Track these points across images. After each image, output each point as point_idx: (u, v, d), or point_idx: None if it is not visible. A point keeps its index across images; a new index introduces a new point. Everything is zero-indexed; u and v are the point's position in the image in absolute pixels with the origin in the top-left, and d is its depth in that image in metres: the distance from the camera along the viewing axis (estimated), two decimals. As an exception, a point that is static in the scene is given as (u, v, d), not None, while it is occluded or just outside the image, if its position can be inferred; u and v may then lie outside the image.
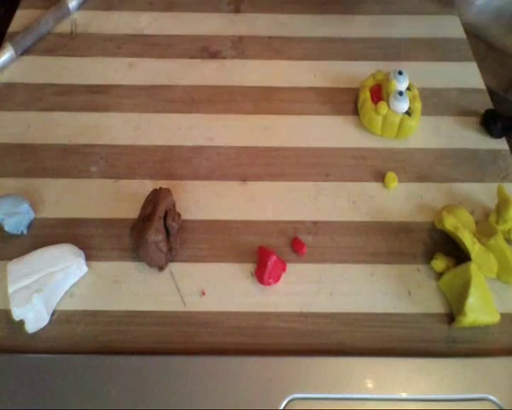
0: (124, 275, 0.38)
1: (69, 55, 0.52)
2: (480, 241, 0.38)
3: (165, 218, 0.38)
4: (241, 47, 0.53)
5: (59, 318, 0.37)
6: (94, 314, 0.37)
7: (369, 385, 0.34)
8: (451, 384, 0.34)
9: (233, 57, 0.52)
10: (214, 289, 0.38)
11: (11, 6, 0.57)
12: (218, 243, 0.40)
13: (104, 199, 0.42)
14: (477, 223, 0.39)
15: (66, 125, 0.47)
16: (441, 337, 0.36)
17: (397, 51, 0.53)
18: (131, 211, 0.40)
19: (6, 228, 0.39)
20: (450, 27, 0.56)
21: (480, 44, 0.66)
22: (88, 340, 0.36)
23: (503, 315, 0.36)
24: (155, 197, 0.38)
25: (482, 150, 0.46)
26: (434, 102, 0.49)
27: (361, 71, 0.50)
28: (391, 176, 0.43)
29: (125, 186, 0.43)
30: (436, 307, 0.38)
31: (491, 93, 0.50)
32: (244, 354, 0.35)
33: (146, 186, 0.41)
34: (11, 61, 0.51)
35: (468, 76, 0.51)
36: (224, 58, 0.52)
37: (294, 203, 0.42)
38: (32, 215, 0.41)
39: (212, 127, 0.47)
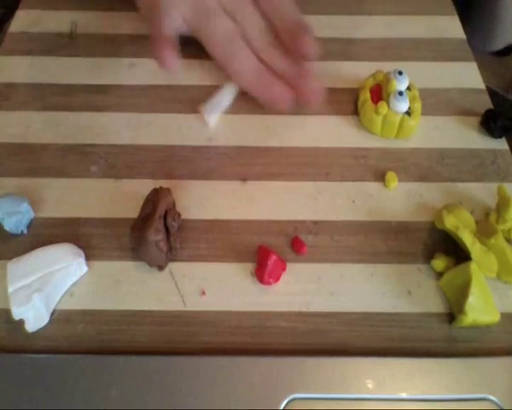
0: (124, 275, 0.38)
1: (69, 55, 0.52)
2: (480, 240, 0.38)
3: (165, 217, 0.38)
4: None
5: (59, 317, 0.37)
6: (94, 314, 0.37)
7: (369, 385, 0.34)
8: (451, 384, 0.34)
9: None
10: (214, 288, 0.38)
11: (11, 6, 0.57)
12: (218, 243, 0.40)
13: (104, 199, 0.42)
14: (477, 223, 0.39)
15: (66, 125, 0.47)
16: (441, 337, 0.36)
17: (397, 51, 0.53)
18: (131, 211, 0.40)
19: (6, 227, 0.39)
20: (450, 27, 0.56)
21: (480, 44, 0.66)
22: (88, 340, 0.36)
23: (504, 315, 0.36)
24: (155, 197, 0.38)
25: (482, 150, 0.46)
26: (434, 102, 0.49)
27: (361, 71, 0.50)
28: (391, 176, 0.43)
29: (125, 186, 0.43)
30: (436, 306, 0.38)
31: (491, 93, 0.50)
32: (244, 353, 0.35)
33: (146, 186, 0.41)
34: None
35: (468, 76, 0.51)
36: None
37: (294, 203, 0.42)
38: (31, 215, 0.41)
39: (212, 127, 0.47)
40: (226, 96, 0.48)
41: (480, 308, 0.35)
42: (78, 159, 0.45)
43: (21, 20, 0.55)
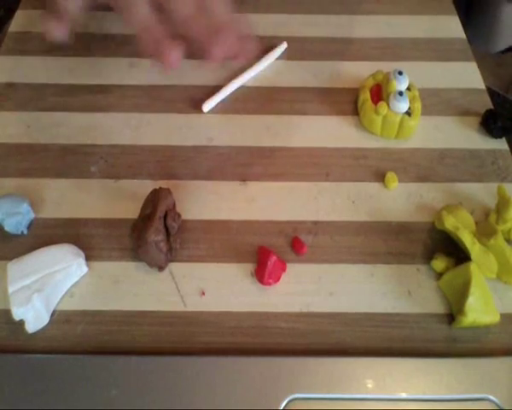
0: (124, 275, 0.38)
1: (69, 55, 0.52)
2: (479, 241, 0.38)
3: (165, 218, 0.38)
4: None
5: (59, 318, 0.37)
6: (94, 314, 0.37)
7: (369, 385, 0.34)
8: (451, 384, 0.34)
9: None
10: (214, 289, 0.38)
11: (11, 6, 0.57)
12: (217, 243, 0.40)
13: (104, 199, 0.42)
14: (477, 223, 0.39)
15: (66, 125, 0.47)
16: (441, 337, 0.36)
17: (397, 51, 0.53)
18: (131, 211, 0.40)
19: (6, 228, 0.39)
20: (451, 27, 0.56)
21: (480, 44, 0.66)
22: (88, 340, 0.36)
23: (503, 315, 0.36)
24: (155, 197, 0.38)
25: (482, 150, 0.46)
26: (434, 102, 0.49)
27: (361, 71, 0.50)
28: (391, 176, 0.43)
29: (125, 186, 0.43)
30: (436, 307, 0.38)
31: (491, 93, 0.50)
32: (244, 354, 0.35)
33: (146, 186, 0.41)
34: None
35: (468, 76, 0.51)
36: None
37: (294, 203, 0.42)
38: (32, 215, 0.41)
39: (212, 127, 0.47)
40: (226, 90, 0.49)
41: (480, 309, 0.35)
42: (78, 159, 0.45)
43: (21, 20, 0.55)
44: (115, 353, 0.35)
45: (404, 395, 0.34)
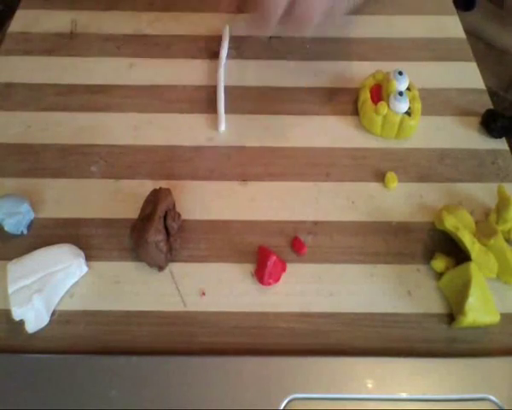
0: (124, 275, 0.38)
1: (69, 55, 0.52)
2: (479, 241, 0.38)
3: (165, 218, 0.38)
4: (241, 47, 0.53)
5: (59, 318, 0.37)
6: (94, 314, 0.37)
7: (369, 385, 0.34)
8: (451, 384, 0.34)
9: (233, 57, 0.52)
10: (214, 289, 0.38)
11: (11, 6, 0.57)
12: (218, 243, 0.40)
13: (104, 199, 0.42)
14: (477, 223, 0.39)
15: (66, 125, 0.47)
16: (441, 337, 0.36)
17: (397, 51, 0.53)
18: (131, 211, 0.40)
19: (6, 228, 0.39)
20: (450, 27, 0.56)
21: (480, 44, 0.66)
22: (88, 340, 0.36)
23: (503, 315, 0.36)
24: (155, 197, 0.38)
25: (482, 150, 0.46)
26: (434, 102, 0.49)
27: (361, 71, 0.50)
28: (391, 176, 0.43)
29: (125, 186, 0.43)
30: (436, 307, 0.38)
31: (491, 93, 0.50)
32: (244, 354, 0.35)
33: (146, 186, 0.41)
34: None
35: (468, 76, 0.51)
36: (224, 58, 0.52)
37: (294, 203, 0.42)
38: (31, 215, 0.41)
39: (212, 127, 0.47)
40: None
41: (480, 309, 0.35)
42: (78, 159, 0.45)
43: (21, 20, 0.55)
44: (115, 353, 0.35)
45: (404, 395, 0.34)
